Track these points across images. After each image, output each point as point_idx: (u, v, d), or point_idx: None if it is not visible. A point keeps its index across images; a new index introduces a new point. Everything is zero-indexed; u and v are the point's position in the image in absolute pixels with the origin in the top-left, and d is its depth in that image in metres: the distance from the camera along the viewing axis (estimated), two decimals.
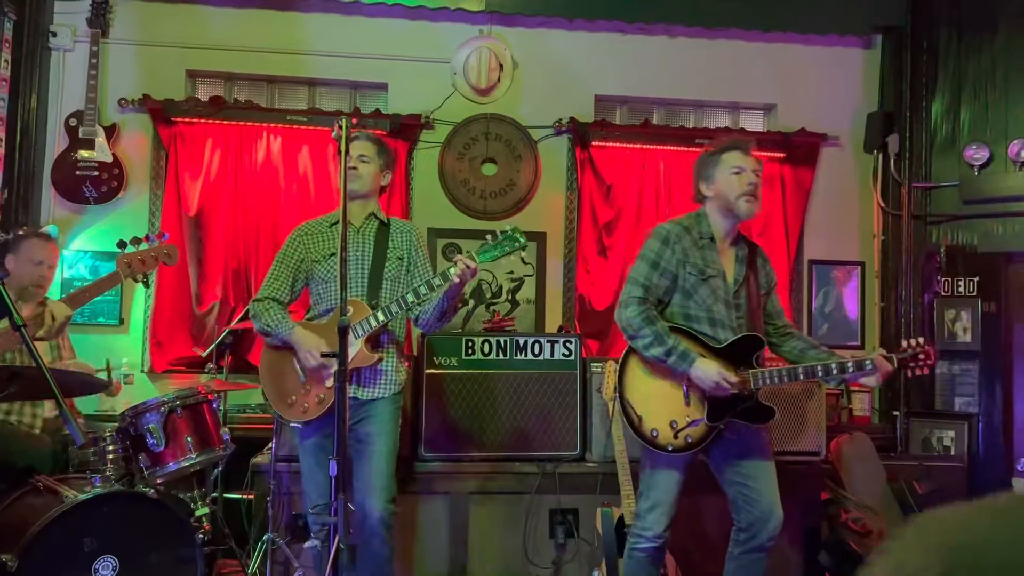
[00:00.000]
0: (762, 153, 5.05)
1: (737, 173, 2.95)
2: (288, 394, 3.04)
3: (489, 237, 2.91)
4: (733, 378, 2.81)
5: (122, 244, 2.69)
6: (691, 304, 2.93)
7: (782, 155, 5.08)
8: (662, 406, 2.89)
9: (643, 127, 5.03)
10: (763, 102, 5.24)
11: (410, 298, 2.91)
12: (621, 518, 3.40)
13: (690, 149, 4.92)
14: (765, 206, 5.06)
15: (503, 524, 3.74)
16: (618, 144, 4.98)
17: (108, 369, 3.58)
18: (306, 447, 3.07)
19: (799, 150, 5.08)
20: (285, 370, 3.06)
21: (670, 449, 2.86)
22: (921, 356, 2.95)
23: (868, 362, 2.89)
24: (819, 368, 2.89)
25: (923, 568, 0.65)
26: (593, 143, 4.94)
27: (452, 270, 2.82)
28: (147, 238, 2.76)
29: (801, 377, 2.89)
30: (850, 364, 2.90)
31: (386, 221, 3.17)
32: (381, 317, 2.92)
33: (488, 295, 4.88)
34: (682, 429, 2.86)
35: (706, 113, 5.27)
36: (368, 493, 2.94)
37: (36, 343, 3.51)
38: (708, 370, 2.81)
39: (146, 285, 2.88)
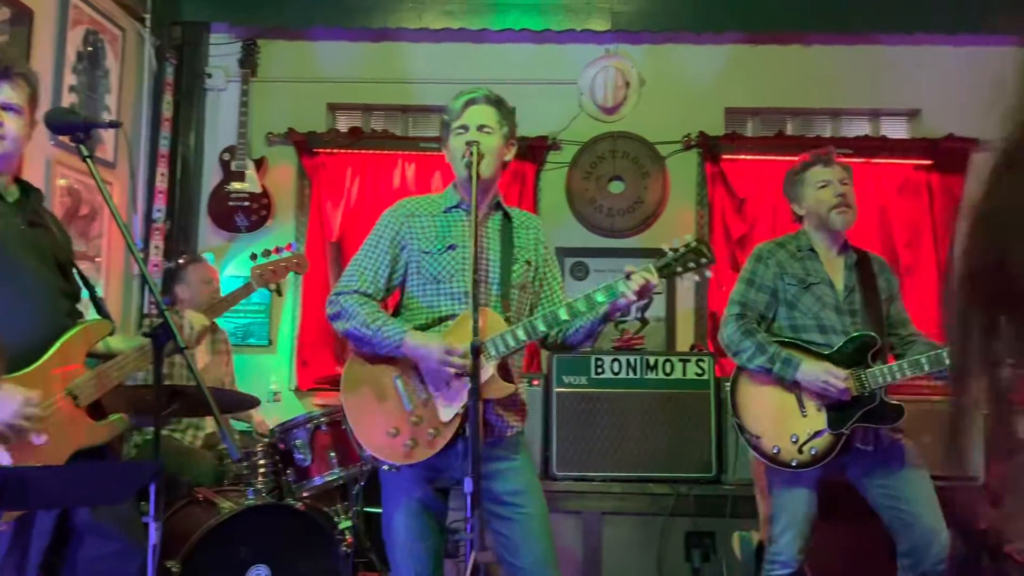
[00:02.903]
0: (906, 160, 4.82)
1: (823, 187, 2.89)
2: (386, 424, 2.30)
3: (667, 249, 2.29)
4: (842, 373, 2.70)
5: (254, 256, 2.89)
6: (796, 314, 2.86)
7: (929, 162, 4.81)
8: (779, 422, 2.79)
9: (776, 138, 4.89)
10: (907, 107, 4.98)
11: (563, 315, 2.25)
12: (760, 543, 3.29)
13: None
14: (912, 216, 4.81)
15: (637, 545, 3.70)
16: (750, 156, 4.87)
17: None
18: (402, 505, 2.35)
19: (947, 157, 4.78)
20: (382, 391, 2.33)
21: (795, 465, 2.75)
22: None
23: None
24: (943, 353, 2.65)
25: None
26: (724, 156, 4.85)
27: (621, 285, 2.23)
28: (277, 250, 2.93)
29: (925, 366, 2.68)
30: None
31: (509, 213, 2.51)
32: (522, 335, 2.25)
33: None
34: (805, 442, 2.74)
35: (844, 122, 5.07)
36: (540, 574, 2.35)
37: (200, 365, 3.82)
38: (815, 370, 2.71)
39: (279, 294, 3.01)
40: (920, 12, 4.72)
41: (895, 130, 5.02)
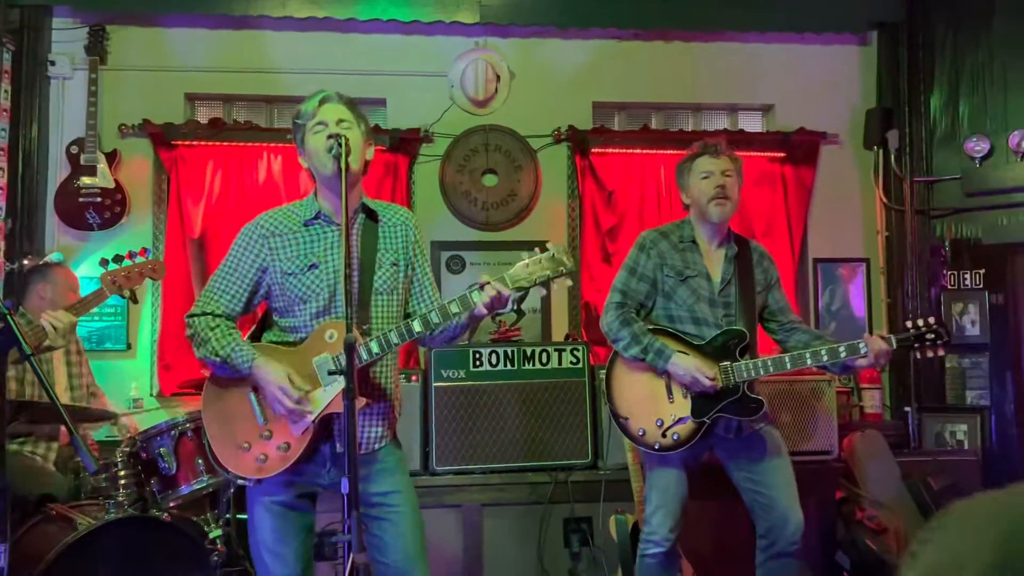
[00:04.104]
0: (762, 153, 5.08)
1: (706, 178, 2.99)
2: (239, 438, 2.32)
3: (526, 257, 2.30)
4: (710, 372, 2.82)
5: (104, 262, 2.77)
6: (672, 305, 2.98)
7: (782, 155, 5.07)
8: (647, 406, 2.92)
9: (642, 132, 5.04)
10: (761, 103, 5.24)
11: (417, 327, 2.24)
12: (635, 525, 3.39)
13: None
14: (768, 206, 5.07)
15: (517, 535, 3.73)
16: (618, 150, 4.99)
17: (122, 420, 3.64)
18: (265, 509, 2.35)
19: (799, 149, 5.07)
20: (237, 406, 2.35)
21: (657, 448, 2.88)
22: (929, 335, 2.82)
23: (862, 345, 2.82)
24: (807, 355, 2.83)
25: (973, 558, 0.57)
26: (592, 150, 4.94)
27: (476, 295, 2.24)
28: (130, 255, 2.83)
29: (788, 365, 2.84)
30: (842, 348, 2.83)
31: (374, 209, 2.46)
32: (375, 348, 2.24)
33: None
34: (669, 427, 2.87)
35: (704, 116, 5.27)
36: (407, 570, 2.35)
37: (57, 373, 3.56)
38: (685, 364, 2.83)
39: (134, 301, 2.90)
40: (772, 13, 4.98)
41: (751, 124, 5.27)
